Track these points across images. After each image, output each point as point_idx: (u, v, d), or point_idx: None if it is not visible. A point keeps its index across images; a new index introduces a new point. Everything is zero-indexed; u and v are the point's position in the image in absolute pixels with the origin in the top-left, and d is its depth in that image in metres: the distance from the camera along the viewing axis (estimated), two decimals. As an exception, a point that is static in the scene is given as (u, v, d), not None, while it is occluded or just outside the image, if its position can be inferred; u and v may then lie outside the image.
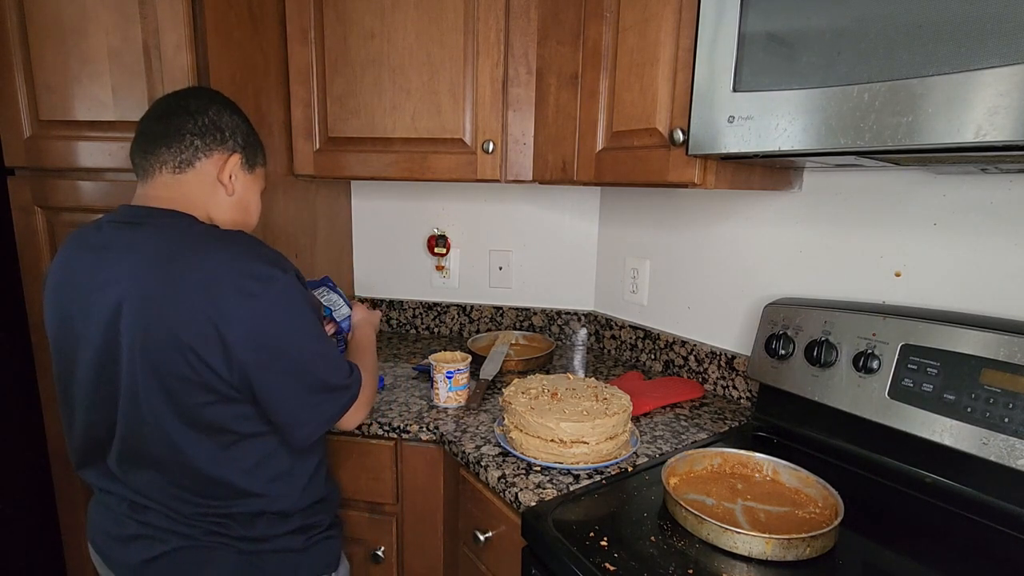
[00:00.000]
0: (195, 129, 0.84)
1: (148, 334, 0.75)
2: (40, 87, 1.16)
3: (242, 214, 0.93)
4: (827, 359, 1.00)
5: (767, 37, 0.78)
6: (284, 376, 0.79)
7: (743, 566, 0.72)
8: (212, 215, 0.88)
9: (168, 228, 0.80)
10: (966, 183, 0.92)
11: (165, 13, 1.10)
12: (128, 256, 0.78)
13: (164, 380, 0.76)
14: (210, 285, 0.74)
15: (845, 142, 0.70)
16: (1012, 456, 0.79)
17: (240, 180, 0.90)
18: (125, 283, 0.76)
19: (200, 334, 0.74)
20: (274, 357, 0.78)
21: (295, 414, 0.82)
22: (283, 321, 0.78)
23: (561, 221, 1.70)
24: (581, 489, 0.90)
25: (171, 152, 0.84)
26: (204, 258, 0.76)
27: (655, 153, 1.01)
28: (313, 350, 0.82)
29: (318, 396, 0.83)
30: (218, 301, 0.74)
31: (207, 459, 0.80)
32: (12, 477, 1.40)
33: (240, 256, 0.78)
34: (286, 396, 0.80)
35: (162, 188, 0.84)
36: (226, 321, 0.74)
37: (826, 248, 1.12)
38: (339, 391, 0.86)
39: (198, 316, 0.74)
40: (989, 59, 0.58)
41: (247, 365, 0.76)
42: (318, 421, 0.84)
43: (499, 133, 1.32)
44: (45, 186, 1.22)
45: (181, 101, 0.86)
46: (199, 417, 0.78)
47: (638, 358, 1.56)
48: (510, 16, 1.29)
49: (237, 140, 0.89)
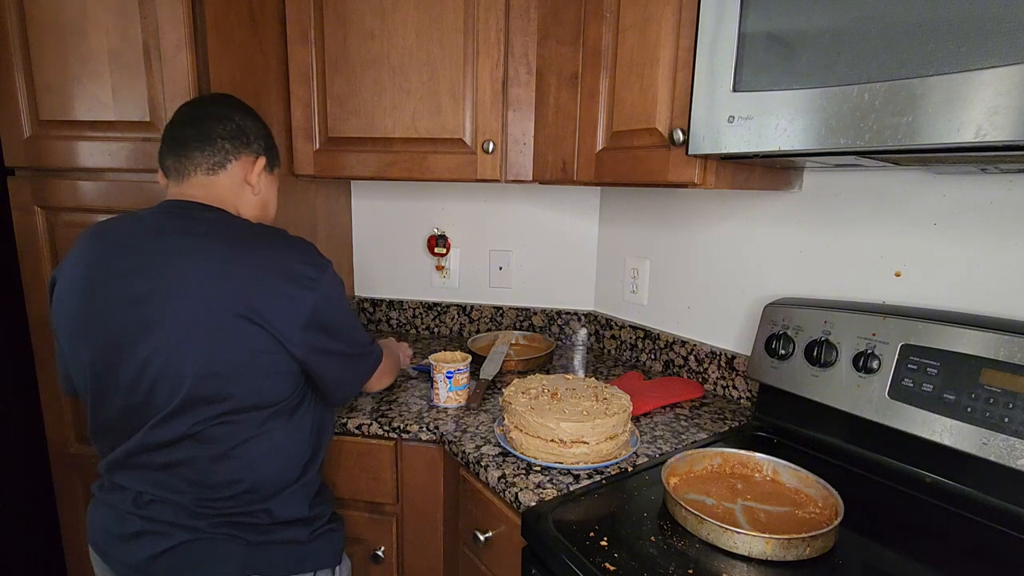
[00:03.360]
0: (225, 134, 0.92)
1: (201, 316, 0.80)
2: (40, 87, 1.16)
3: (263, 210, 1.01)
4: (827, 359, 1.00)
5: (767, 37, 0.78)
6: (337, 352, 0.91)
7: (743, 566, 0.72)
8: (240, 211, 0.95)
9: (216, 220, 0.87)
10: (966, 183, 0.92)
11: (165, 13, 1.10)
12: (182, 239, 0.83)
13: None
14: (264, 274, 0.82)
15: (845, 142, 0.70)
16: (1012, 456, 0.79)
17: (264, 181, 0.98)
18: (181, 266, 0.81)
19: (266, 313, 0.81)
20: (331, 336, 0.88)
21: (340, 376, 0.94)
22: (338, 303, 0.89)
23: (561, 221, 1.70)
24: (581, 489, 0.90)
25: (204, 155, 0.90)
26: (266, 248, 0.85)
27: (655, 153, 1.01)
28: (350, 323, 0.93)
29: (355, 359, 0.96)
30: (276, 287, 0.82)
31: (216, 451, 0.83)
32: (12, 477, 1.40)
33: (292, 248, 0.88)
34: (335, 366, 0.91)
35: (198, 187, 0.91)
36: (283, 306, 0.82)
37: (826, 248, 1.12)
38: (367, 354, 1.00)
39: (260, 299, 0.81)
40: (989, 59, 0.58)
41: (307, 344, 0.84)
42: (354, 380, 0.98)
43: (499, 133, 1.32)
44: (45, 186, 1.22)
45: (208, 108, 0.93)
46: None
47: (638, 358, 1.56)
48: (510, 16, 1.29)
49: (260, 144, 0.97)
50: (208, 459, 0.82)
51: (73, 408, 1.31)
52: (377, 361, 1.02)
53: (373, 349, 1.02)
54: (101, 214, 1.20)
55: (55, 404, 1.30)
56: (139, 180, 1.18)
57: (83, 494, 1.35)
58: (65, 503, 1.37)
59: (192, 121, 0.92)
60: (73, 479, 1.34)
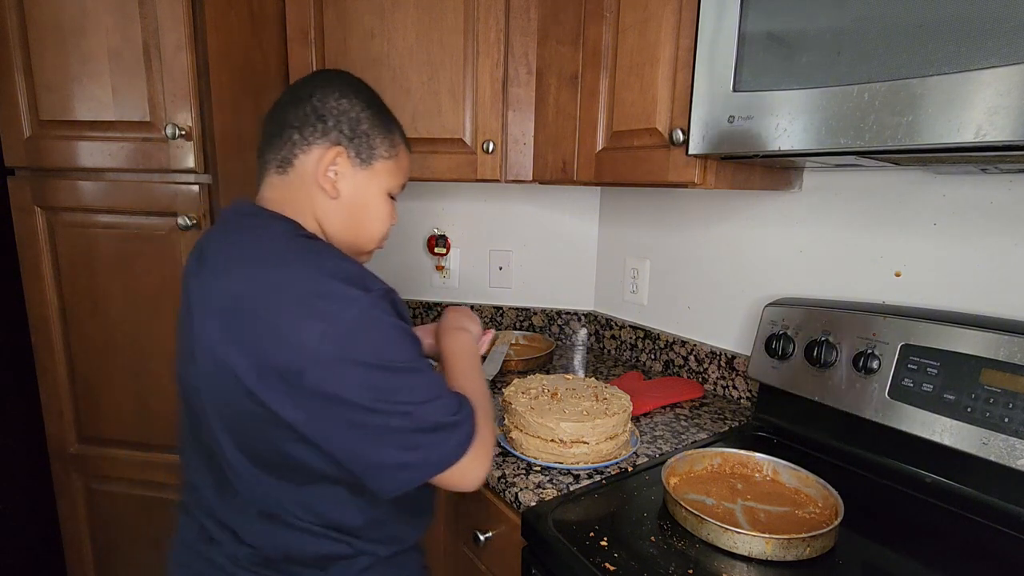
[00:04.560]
0: (295, 120, 0.72)
1: (218, 356, 0.63)
2: (40, 87, 1.16)
3: (354, 221, 0.76)
4: (827, 359, 0.99)
5: (767, 37, 0.78)
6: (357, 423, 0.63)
7: (743, 566, 0.72)
8: (320, 222, 0.74)
9: (255, 232, 0.69)
10: (966, 183, 0.92)
11: (165, 13, 1.10)
12: (218, 256, 0.69)
13: (226, 410, 0.66)
14: (275, 305, 0.62)
15: (845, 142, 0.70)
16: (1012, 456, 0.79)
17: (347, 179, 0.74)
18: (211, 285, 0.67)
19: (270, 362, 0.61)
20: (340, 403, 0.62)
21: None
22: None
23: (561, 221, 1.70)
24: (581, 489, 0.90)
25: (273, 150, 0.74)
26: (277, 272, 0.64)
27: (655, 153, 1.01)
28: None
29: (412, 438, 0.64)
30: (288, 325, 0.61)
31: (280, 498, 0.69)
32: (12, 477, 1.40)
33: (310, 271, 0.63)
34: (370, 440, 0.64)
35: (271, 190, 0.75)
36: (294, 349, 0.60)
37: (826, 248, 1.12)
38: (442, 430, 0.66)
39: (268, 340, 0.61)
40: (989, 59, 0.58)
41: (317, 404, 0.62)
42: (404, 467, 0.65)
43: (499, 133, 1.32)
44: (45, 186, 1.21)
45: (295, 87, 0.75)
46: (270, 456, 0.67)
47: (638, 358, 1.56)
48: (510, 16, 1.29)
49: (342, 129, 0.73)
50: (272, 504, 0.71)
51: (73, 408, 1.31)
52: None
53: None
54: (101, 214, 1.20)
55: (55, 404, 1.30)
56: (139, 180, 1.18)
57: (83, 494, 1.35)
58: (65, 503, 1.37)
59: (276, 106, 0.75)
60: (73, 479, 1.34)
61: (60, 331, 1.27)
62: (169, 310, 1.22)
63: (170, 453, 1.29)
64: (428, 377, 0.66)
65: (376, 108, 0.77)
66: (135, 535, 1.36)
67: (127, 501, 1.34)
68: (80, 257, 1.23)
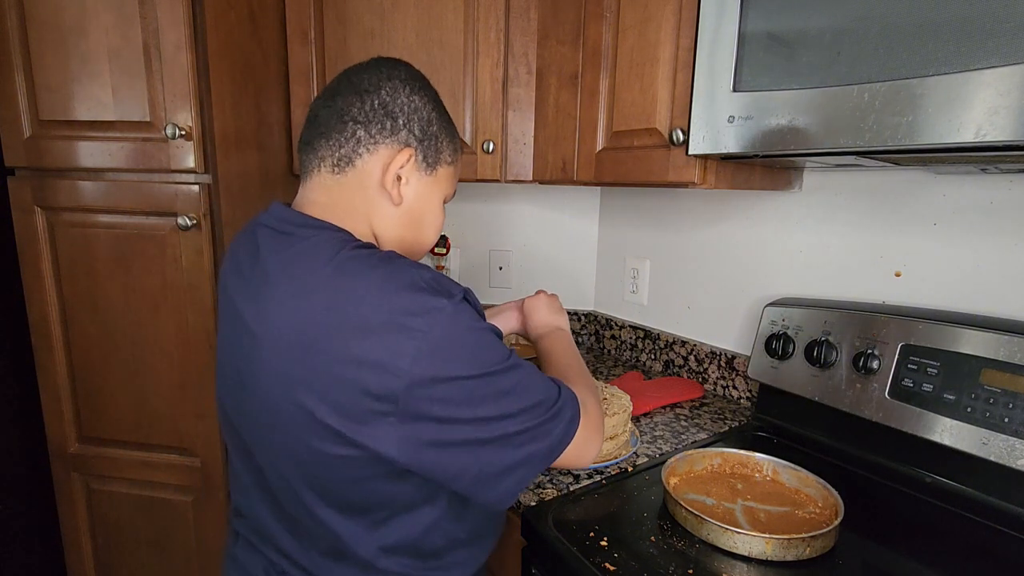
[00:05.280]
0: (360, 115, 0.66)
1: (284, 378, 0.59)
2: (40, 87, 1.16)
3: (412, 231, 0.71)
4: (827, 359, 0.99)
5: (767, 37, 0.78)
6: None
7: (743, 566, 0.72)
8: (377, 230, 0.69)
9: (312, 248, 0.61)
10: (966, 183, 0.92)
11: (165, 13, 1.10)
12: (273, 278, 0.62)
13: (296, 446, 0.61)
14: (353, 329, 0.56)
15: (845, 142, 0.70)
16: (1012, 456, 0.79)
17: (413, 184, 0.69)
18: (270, 313, 0.61)
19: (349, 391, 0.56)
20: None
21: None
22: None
23: (561, 221, 1.70)
24: (581, 489, 0.90)
25: (330, 145, 0.66)
26: (347, 295, 0.57)
27: (655, 153, 1.01)
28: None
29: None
30: (372, 351, 0.55)
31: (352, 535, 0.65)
32: (12, 477, 1.40)
33: (388, 286, 0.57)
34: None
35: (320, 191, 0.68)
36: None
37: (826, 248, 1.12)
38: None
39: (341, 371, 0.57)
40: (989, 59, 0.58)
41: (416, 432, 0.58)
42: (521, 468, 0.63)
43: (499, 133, 1.32)
44: (45, 186, 1.21)
45: (354, 76, 0.68)
46: (352, 496, 0.63)
47: (638, 358, 1.56)
48: (510, 16, 1.29)
49: (412, 130, 0.68)
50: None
51: (73, 408, 1.31)
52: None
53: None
54: (101, 214, 1.20)
55: (55, 404, 1.30)
56: (139, 180, 1.18)
57: (83, 494, 1.35)
58: (65, 503, 1.37)
59: (331, 94, 0.67)
60: (73, 479, 1.34)
61: (60, 331, 1.27)
62: (169, 310, 1.22)
63: (170, 453, 1.29)
64: (524, 371, 0.63)
65: (442, 108, 0.72)
66: (135, 535, 1.36)
67: (127, 501, 1.34)
68: (80, 257, 1.23)
